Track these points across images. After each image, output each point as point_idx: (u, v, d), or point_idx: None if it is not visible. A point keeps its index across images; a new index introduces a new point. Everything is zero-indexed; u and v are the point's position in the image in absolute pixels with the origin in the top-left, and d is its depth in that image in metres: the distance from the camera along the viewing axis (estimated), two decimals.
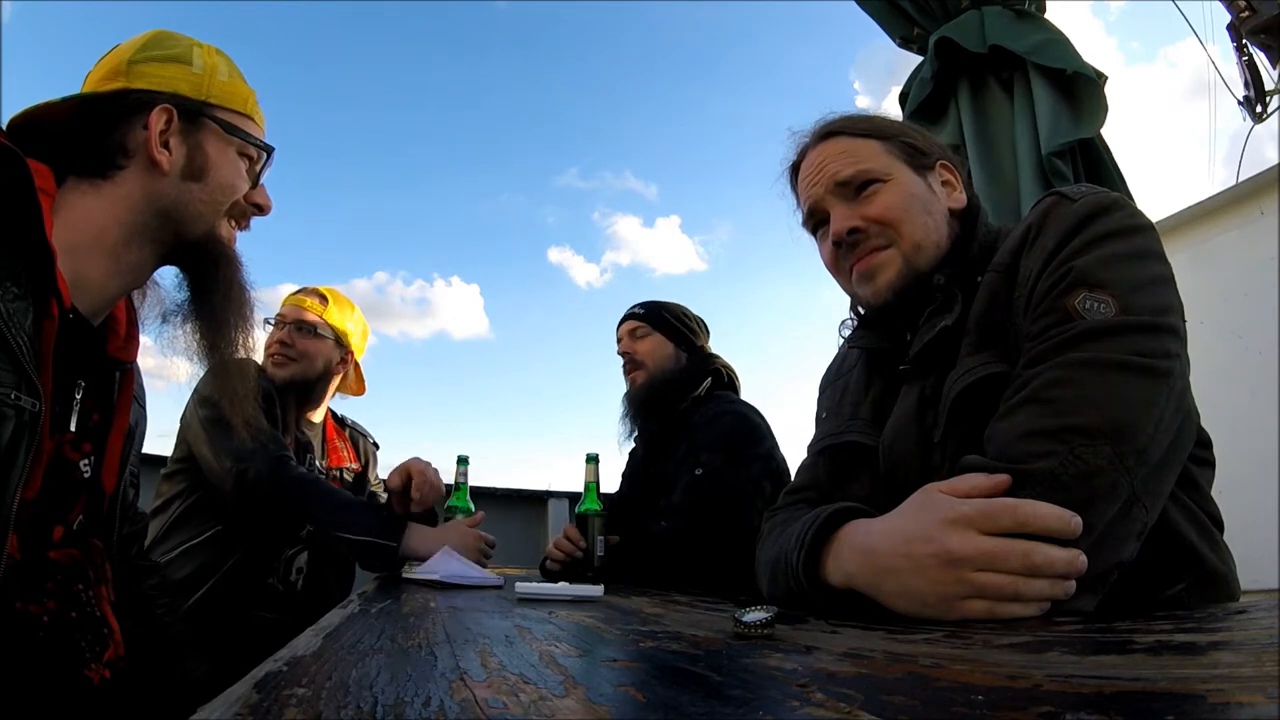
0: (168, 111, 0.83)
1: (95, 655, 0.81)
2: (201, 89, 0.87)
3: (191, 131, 0.86)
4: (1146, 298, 0.68)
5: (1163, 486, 0.66)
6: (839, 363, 1.06)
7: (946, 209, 0.89)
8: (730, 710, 0.30)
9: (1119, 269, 0.69)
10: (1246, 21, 3.98)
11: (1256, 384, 2.61)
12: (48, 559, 0.79)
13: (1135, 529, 0.63)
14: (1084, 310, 0.67)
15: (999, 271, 0.78)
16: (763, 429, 1.66)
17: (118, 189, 0.81)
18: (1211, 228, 2.98)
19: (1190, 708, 0.27)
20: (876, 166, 0.88)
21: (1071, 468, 0.61)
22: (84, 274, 0.78)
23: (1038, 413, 0.65)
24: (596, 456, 1.55)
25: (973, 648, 0.45)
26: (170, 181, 0.83)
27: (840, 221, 0.87)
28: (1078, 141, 1.73)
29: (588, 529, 1.47)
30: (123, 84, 0.83)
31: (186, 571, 1.43)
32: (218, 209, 0.88)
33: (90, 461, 0.84)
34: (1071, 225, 0.73)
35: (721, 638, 0.54)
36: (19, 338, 0.66)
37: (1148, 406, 0.64)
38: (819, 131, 0.94)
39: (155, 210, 0.83)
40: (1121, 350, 0.65)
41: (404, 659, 0.43)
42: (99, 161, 0.81)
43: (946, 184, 0.91)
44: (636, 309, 1.84)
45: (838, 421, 0.95)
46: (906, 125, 0.95)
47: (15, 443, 0.66)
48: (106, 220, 0.80)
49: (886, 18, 2.14)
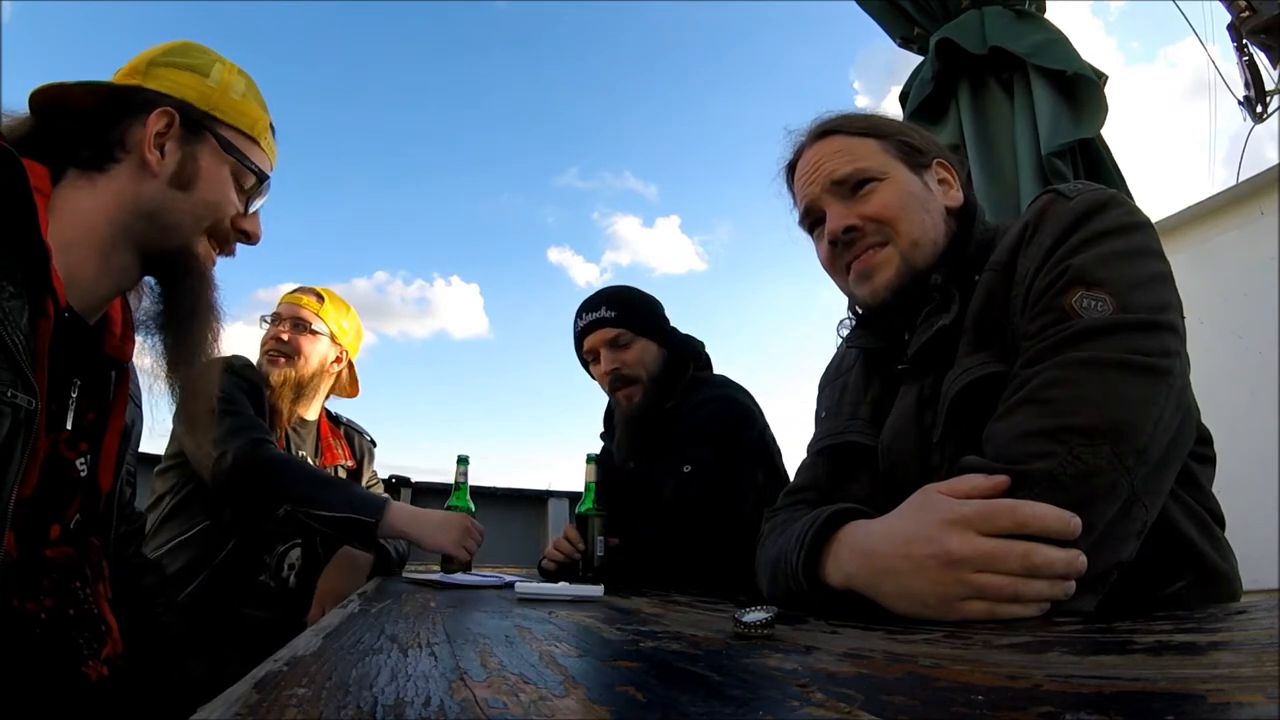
0: (169, 115, 0.84)
1: (93, 652, 0.82)
2: (209, 100, 0.88)
3: (190, 140, 0.86)
4: (1145, 295, 0.68)
5: (1162, 485, 0.66)
6: (838, 362, 1.06)
7: (943, 207, 0.89)
8: (730, 710, 0.30)
9: (1116, 267, 0.69)
10: (1247, 21, 3.98)
11: (1256, 384, 2.61)
12: (44, 557, 0.79)
13: (1135, 528, 0.63)
14: (1081, 309, 0.67)
15: (996, 270, 0.78)
16: (752, 411, 1.57)
17: (110, 183, 0.81)
18: (1211, 228, 2.98)
19: (1190, 708, 0.27)
20: (873, 165, 0.88)
21: (1070, 468, 0.61)
22: (75, 272, 0.78)
23: (1036, 413, 0.65)
24: (596, 456, 1.54)
25: (973, 648, 0.45)
26: (157, 185, 0.83)
27: (836, 220, 0.87)
28: (1078, 142, 1.73)
29: (587, 529, 1.47)
30: (137, 81, 0.84)
31: (177, 566, 1.43)
32: (198, 223, 0.87)
33: (86, 460, 0.84)
34: (1068, 223, 0.73)
35: (721, 638, 0.54)
36: (14, 336, 0.66)
37: (1147, 405, 0.64)
38: (815, 130, 0.94)
39: (139, 212, 0.83)
40: (1120, 349, 0.65)
41: (404, 659, 0.43)
42: (98, 153, 0.81)
43: (943, 182, 0.91)
44: (605, 312, 1.58)
45: (837, 421, 0.96)
46: (904, 124, 0.94)
47: (11, 441, 0.66)
48: (97, 217, 0.80)
49: (887, 18, 2.14)
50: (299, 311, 1.71)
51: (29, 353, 0.68)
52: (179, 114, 0.84)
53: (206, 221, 0.88)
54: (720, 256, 37.49)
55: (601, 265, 39.40)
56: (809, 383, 1.12)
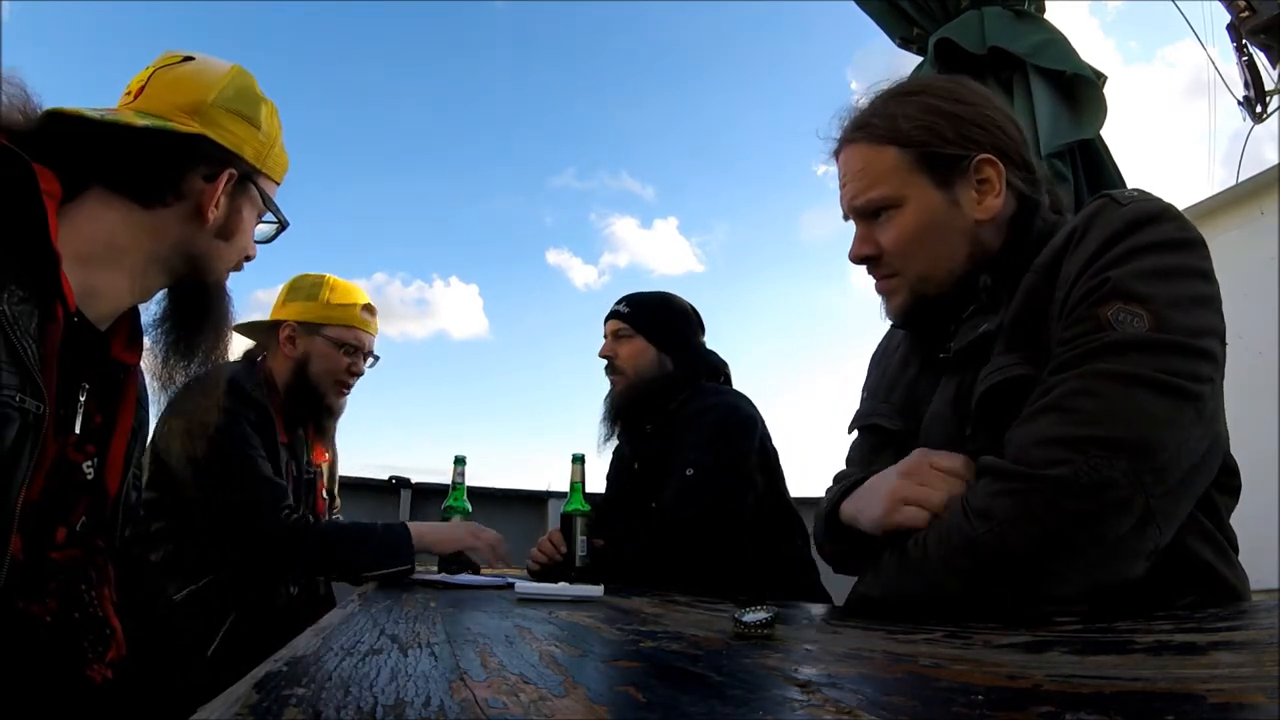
0: (232, 175, 0.85)
1: (98, 655, 0.82)
2: (260, 157, 0.90)
3: (237, 194, 0.88)
4: (1184, 317, 0.66)
5: (1179, 508, 0.66)
6: (887, 341, 1.07)
7: (973, 221, 0.83)
8: (730, 710, 0.30)
9: (1158, 284, 0.67)
10: (1246, 21, 3.98)
11: (1256, 384, 2.61)
12: (50, 560, 0.79)
13: (1147, 548, 0.63)
14: (1116, 322, 0.66)
15: (1039, 272, 0.76)
16: (753, 418, 1.61)
17: (155, 221, 0.82)
18: (1211, 228, 2.98)
19: (1190, 708, 0.27)
20: (889, 191, 0.85)
21: (1085, 478, 0.61)
22: (99, 285, 0.79)
23: (1058, 420, 0.65)
24: (582, 457, 1.55)
25: (973, 648, 0.45)
26: (205, 235, 0.86)
27: (855, 247, 0.90)
28: (1077, 142, 1.73)
29: (572, 530, 1.47)
30: (198, 128, 0.83)
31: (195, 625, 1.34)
32: (229, 266, 0.93)
33: (93, 463, 0.85)
34: (1115, 231, 0.70)
35: (721, 638, 0.54)
36: (24, 340, 0.67)
37: (1171, 426, 0.63)
38: (845, 131, 0.91)
39: (181, 252, 0.85)
40: (1150, 367, 0.64)
41: (404, 659, 0.43)
42: (147, 190, 0.81)
43: (985, 183, 0.83)
44: (622, 307, 1.73)
45: (871, 403, 0.99)
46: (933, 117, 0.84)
47: (19, 444, 0.66)
48: (131, 245, 0.81)
49: (886, 18, 2.14)
50: (372, 342, 1.68)
51: (38, 357, 0.68)
52: (238, 173, 0.87)
53: (235, 262, 0.93)
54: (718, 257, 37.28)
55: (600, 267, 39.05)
56: (808, 383, 1.13)
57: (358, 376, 1.67)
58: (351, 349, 1.62)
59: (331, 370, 1.59)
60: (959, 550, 0.66)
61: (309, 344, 1.58)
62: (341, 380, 1.62)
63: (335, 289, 1.64)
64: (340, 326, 1.61)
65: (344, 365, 1.61)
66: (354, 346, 1.62)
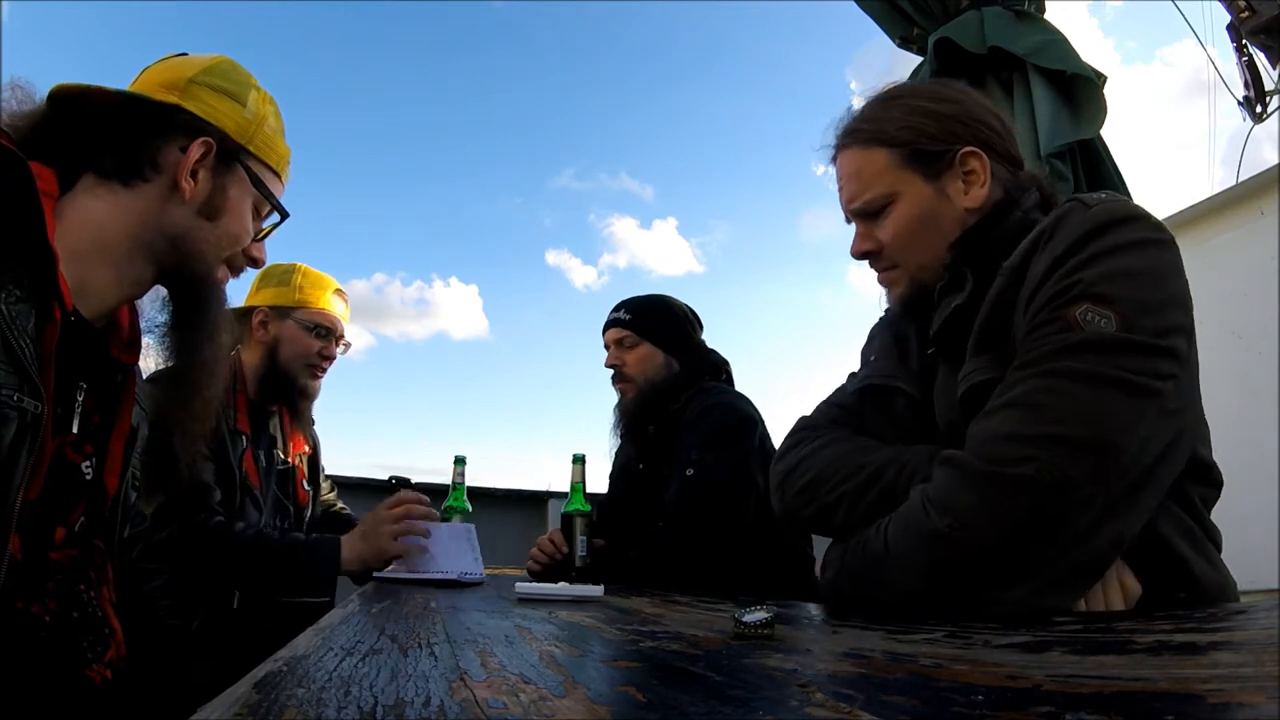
0: (208, 144, 0.84)
1: (97, 655, 0.82)
2: (246, 133, 0.88)
3: (222, 171, 0.86)
4: (1151, 318, 0.67)
5: (1142, 502, 0.66)
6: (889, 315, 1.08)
7: (962, 210, 0.86)
8: (730, 710, 0.30)
9: (1127, 285, 0.68)
10: (1246, 21, 3.98)
11: (1257, 384, 2.61)
12: (49, 560, 0.79)
13: (1108, 543, 0.65)
14: (1085, 322, 0.66)
15: (1007, 275, 0.77)
16: (754, 418, 1.63)
17: (134, 200, 0.81)
18: (1211, 228, 2.98)
19: (1190, 708, 0.27)
20: (882, 189, 0.88)
21: (1047, 476, 0.62)
22: (88, 280, 0.78)
23: (1021, 417, 0.66)
24: (583, 457, 1.55)
25: (973, 648, 0.45)
26: (185, 212, 0.84)
27: (855, 245, 0.93)
28: (1077, 142, 1.73)
29: (572, 530, 1.47)
30: (176, 99, 0.83)
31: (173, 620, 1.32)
32: (219, 253, 0.89)
33: (92, 463, 0.84)
34: (1084, 233, 0.71)
35: (721, 638, 0.54)
36: (21, 340, 0.67)
37: (1133, 424, 0.64)
38: (837, 138, 0.94)
39: (163, 233, 0.83)
40: (1114, 366, 0.64)
41: (404, 659, 0.43)
42: (126, 166, 0.81)
43: (970, 175, 0.86)
44: (621, 314, 1.73)
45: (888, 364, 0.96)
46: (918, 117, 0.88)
47: (17, 444, 0.66)
48: (116, 231, 0.80)
49: (886, 18, 2.14)
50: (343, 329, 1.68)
51: (35, 357, 0.68)
52: (217, 144, 0.84)
53: (227, 252, 0.90)
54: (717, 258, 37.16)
55: (599, 268, 38.90)
56: (808, 383, 1.13)
57: (330, 360, 1.68)
58: (324, 331, 1.63)
59: (303, 354, 1.60)
60: (922, 543, 0.67)
61: (280, 328, 1.60)
62: (314, 364, 1.63)
63: (307, 275, 1.66)
64: (312, 309, 1.63)
65: (315, 348, 1.63)
66: (326, 329, 1.64)
